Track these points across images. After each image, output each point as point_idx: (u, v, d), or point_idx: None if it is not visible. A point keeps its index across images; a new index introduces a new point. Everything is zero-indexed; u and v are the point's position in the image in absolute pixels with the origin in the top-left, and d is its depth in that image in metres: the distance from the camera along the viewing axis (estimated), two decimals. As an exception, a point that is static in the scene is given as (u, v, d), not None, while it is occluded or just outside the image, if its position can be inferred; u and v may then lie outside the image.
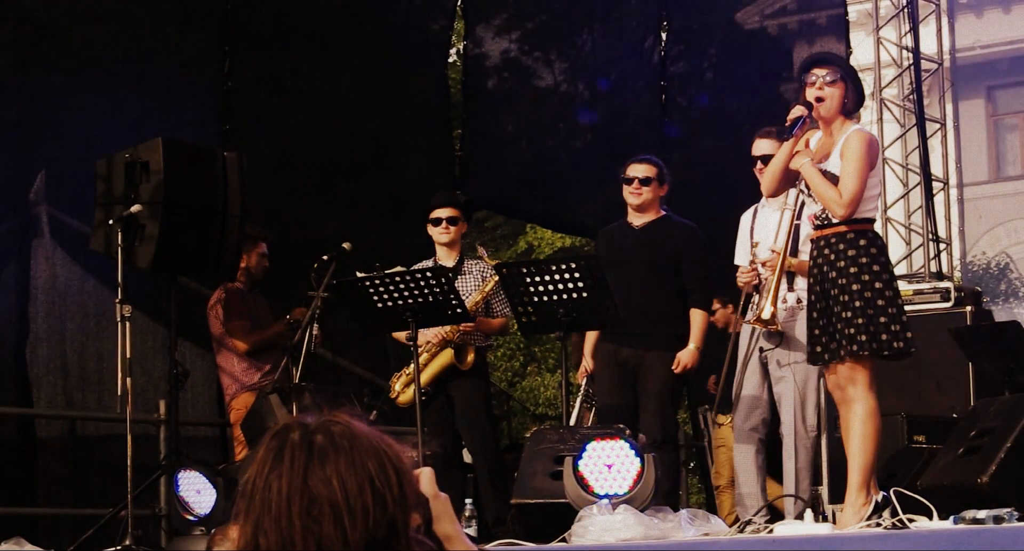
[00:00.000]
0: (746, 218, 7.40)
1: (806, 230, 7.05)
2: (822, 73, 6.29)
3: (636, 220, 7.80)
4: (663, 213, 7.84)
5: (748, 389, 7.15)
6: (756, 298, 7.09)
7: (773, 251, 6.96)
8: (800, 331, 7.00)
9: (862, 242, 6.17)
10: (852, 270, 6.15)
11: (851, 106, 6.32)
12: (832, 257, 6.21)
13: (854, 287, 6.13)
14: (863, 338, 6.11)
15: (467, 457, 8.17)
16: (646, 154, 8.07)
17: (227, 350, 8.37)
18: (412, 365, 7.76)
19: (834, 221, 6.23)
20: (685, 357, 7.51)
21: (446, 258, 8.07)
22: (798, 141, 6.35)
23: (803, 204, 7.00)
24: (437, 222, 8.04)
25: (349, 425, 2.29)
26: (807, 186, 6.38)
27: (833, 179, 6.22)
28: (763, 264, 7.00)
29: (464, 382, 7.87)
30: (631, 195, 7.75)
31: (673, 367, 7.51)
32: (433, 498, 2.46)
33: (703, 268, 7.66)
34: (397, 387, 7.94)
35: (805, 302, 6.96)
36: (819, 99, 6.27)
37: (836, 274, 6.18)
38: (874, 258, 6.16)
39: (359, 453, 2.25)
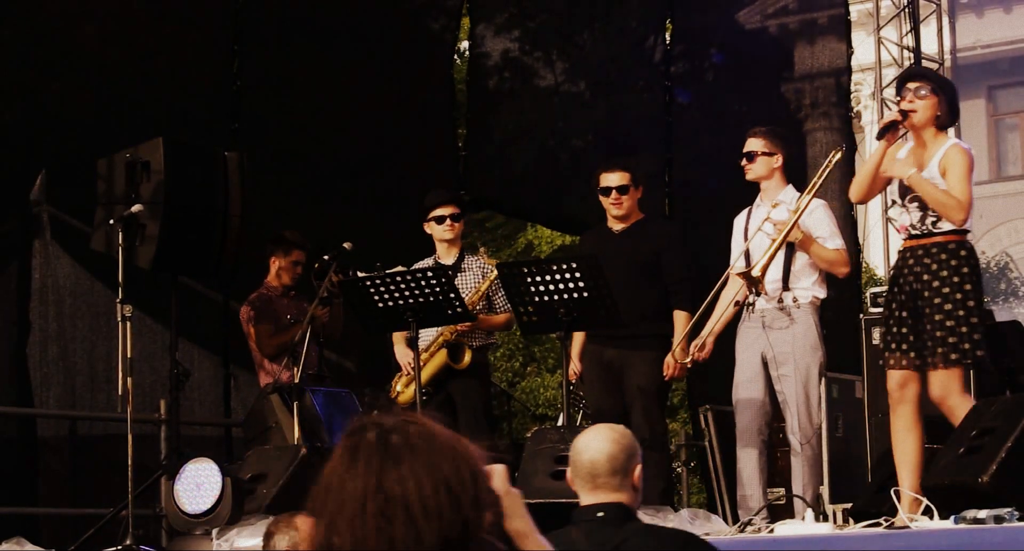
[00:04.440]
0: (739, 220, 7.43)
1: (804, 227, 7.11)
2: (914, 86, 6.40)
3: (616, 225, 7.78)
4: (642, 215, 7.83)
5: (750, 392, 7.16)
6: (755, 299, 7.12)
7: (790, 211, 7.01)
8: (801, 328, 7.04)
9: (963, 253, 6.30)
10: (955, 279, 6.25)
11: (944, 120, 6.41)
12: (934, 267, 6.29)
13: (957, 297, 6.22)
14: (966, 347, 6.22)
15: None
16: (617, 158, 8.05)
17: (263, 371, 8.40)
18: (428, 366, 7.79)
19: (934, 231, 6.30)
20: (672, 360, 7.50)
21: (446, 255, 8.05)
22: (889, 146, 6.41)
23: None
24: (441, 220, 8.00)
25: (426, 425, 2.26)
26: (903, 194, 6.43)
27: None
28: (774, 223, 7.03)
29: (464, 381, 7.86)
30: (612, 206, 7.71)
31: (665, 371, 7.50)
32: (505, 495, 2.44)
33: (683, 268, 7.64)
34: (399, 387, 7.94)
35: (801, 302, 7.03)
36: (910, 111, 6.36)
37: (939, 283, 6.25)
38: (973, 269, 6.29)
39: (435, 454, 2.22)
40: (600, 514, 4.00)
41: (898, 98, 6.51)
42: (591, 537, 3.97)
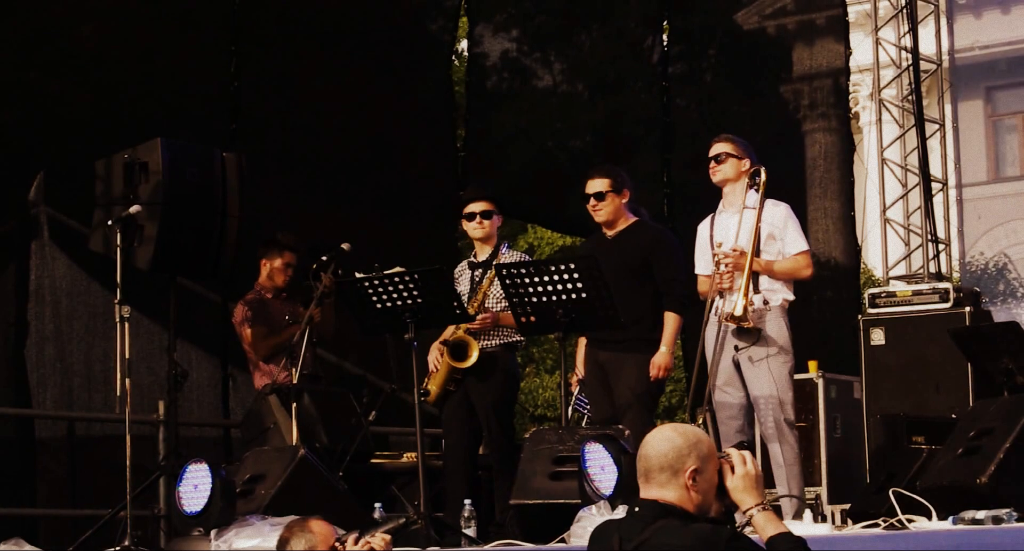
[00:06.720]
0: (704, 227, 7.48)
1: (767, 231, 7.15)
2: None
3: (608, 231, 7.78)
4: (633, 219, 7.79)
5: (727, 395, 7.19)
6: (721, 301, 7.14)
7: (734, 249, 7.05)
8: (772, 330, 7.07)
9: None
10: None
11: None
12: None
13: None
14: None
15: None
16: (600, 165, 8.04)
17: (259, 371, 8.40)
18: (440, 365, 7.75)
19: None
20: (659, 360, 7.47)
21: (480, 252, 8.03)
22: None
23: (762, 205, 7.16)
24: (471, 217, 7.95)
25: None
26: None
27: None
28: (723, 265, 7.07)
29: (480, 379, 7.80)
30: (592, 213, 7.72)
31: (650, 373, 7.49)
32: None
33: (673, 270, 7.61)
34: (432, 388, 7.83)
35: (772, 304, 7.06)
36: None
37: None
38: None
39: None
40: (636, 509, 4.10)
41: None
42: (622, 532, 4.07)
